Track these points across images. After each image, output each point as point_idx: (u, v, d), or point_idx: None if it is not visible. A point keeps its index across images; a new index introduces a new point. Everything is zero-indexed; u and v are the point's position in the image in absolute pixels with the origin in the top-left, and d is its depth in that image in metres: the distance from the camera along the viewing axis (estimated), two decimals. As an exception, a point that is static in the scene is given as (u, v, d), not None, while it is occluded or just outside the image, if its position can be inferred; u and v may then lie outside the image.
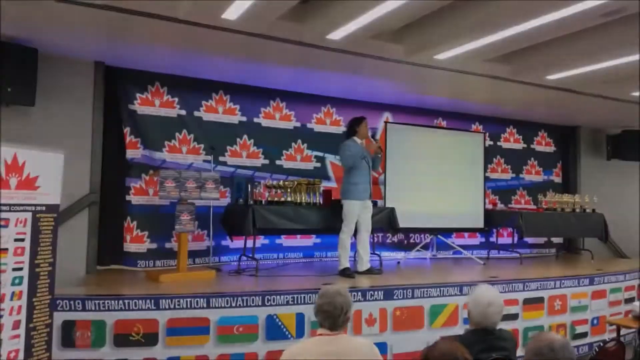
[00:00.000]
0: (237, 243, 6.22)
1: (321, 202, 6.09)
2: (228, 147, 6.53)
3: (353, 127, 5.84)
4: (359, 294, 4.80)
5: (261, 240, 6.70)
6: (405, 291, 4.98)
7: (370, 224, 5.80)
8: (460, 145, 7.58)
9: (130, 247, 5.84)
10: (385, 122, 7.02)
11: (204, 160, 6.25)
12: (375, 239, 7.29)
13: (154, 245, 5.94)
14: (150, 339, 4.16)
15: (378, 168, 5.94)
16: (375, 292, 4.88)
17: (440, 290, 5.13)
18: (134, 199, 5.90)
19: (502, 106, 7.79)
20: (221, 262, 6.38)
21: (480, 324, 2.87)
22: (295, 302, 4.56)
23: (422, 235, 7.59)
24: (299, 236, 6.94)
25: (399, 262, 7.08)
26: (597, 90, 6.48)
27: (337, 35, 4.32)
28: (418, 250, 7.49)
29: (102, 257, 5.72)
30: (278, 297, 4.52)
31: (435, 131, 7.67)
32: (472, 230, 7.78)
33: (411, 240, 7.69)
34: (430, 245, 7.65)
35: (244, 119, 6.63)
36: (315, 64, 5.62)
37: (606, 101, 7.07)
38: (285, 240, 6.90)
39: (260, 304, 4.45)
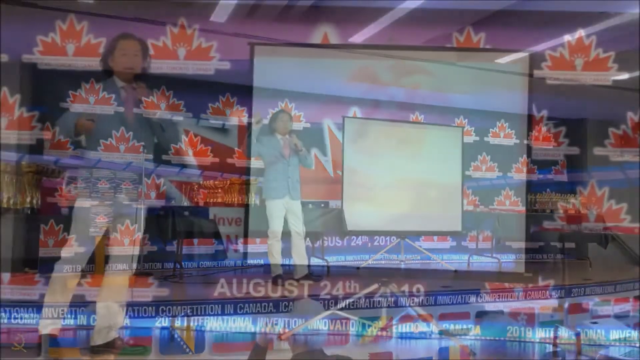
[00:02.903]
0: (197, 249, 6.01)
1: (258, 202, 5.66)
2: (172, 145, 6.17)
3: (270, 123, 5.42)
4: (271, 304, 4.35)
5: (215, 247, 6.35)
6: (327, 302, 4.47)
7: (301, 227, 5.30)
8: (435, 141, 6.96)
9: (53, 252, 5.53)
10: (343, 117, 6.49)
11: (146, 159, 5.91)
12: (340, 243, 6.86)
13: (82, 249, 5.63)
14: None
15: (306, 165, 5.43)
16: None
17: (369, 302, 4.59)
18: (61, 200, 5.61)
19: (490, 98, 7.13)
20: (164, 269, 5.97)
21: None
22: (196, 313, 4.16)
23: (389, 239, 7.00)
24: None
25: (358, 268, 6.55)
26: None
27: (220, 17, 3.88)
28: (383, 255, 6.91)
29: (31, 261, 5.49)
30: (175, 307, 4.13)
31: (404, 126, 7.05)
32: (446, 234, 7.14)
33: (376, 244, 7.13)
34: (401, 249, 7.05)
35: (189, 115, 6.26)
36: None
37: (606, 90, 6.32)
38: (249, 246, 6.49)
39: (153, 314, 4.06)
